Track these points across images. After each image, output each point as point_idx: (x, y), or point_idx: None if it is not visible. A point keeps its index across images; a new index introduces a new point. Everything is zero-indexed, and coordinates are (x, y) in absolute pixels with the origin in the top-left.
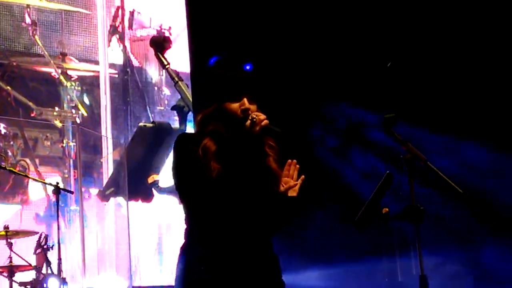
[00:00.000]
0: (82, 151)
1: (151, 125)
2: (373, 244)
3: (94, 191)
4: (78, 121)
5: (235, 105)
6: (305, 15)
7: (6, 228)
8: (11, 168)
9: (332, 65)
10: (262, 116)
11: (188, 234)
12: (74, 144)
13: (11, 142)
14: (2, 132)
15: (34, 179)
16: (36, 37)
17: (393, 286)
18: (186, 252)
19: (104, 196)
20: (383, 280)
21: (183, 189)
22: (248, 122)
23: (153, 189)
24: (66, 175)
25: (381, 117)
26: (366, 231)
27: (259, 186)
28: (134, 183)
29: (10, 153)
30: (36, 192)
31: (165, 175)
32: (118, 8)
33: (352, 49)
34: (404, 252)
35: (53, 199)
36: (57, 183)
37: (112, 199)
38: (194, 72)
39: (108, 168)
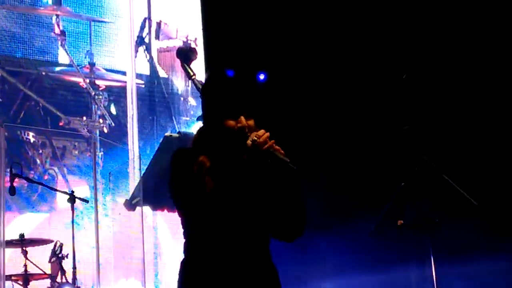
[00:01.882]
0: (109, 160)
1: (177, 135)
2: (387, 256)
3: (121, 200)
4: (105, 130)
5: (231, 122)
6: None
7: (21, 236)
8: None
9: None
10: (263, 135)
11: (185, 249)
12: (102, 153)
13: (40, 151)
14: (31, 141)
15: (48, 187)
16: (65, 47)
17: None
18: (184, 267)
19: (130, 205)
20: None
21: (178, 204)
22: (249, 142)
23: None
24: (93, 184)
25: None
26: (381, 243)
27: (252, 202)
28: (160, 192)
29: (38, 162)
30: (65, 200)
31: None
32: (145, 19)
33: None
34: (419, 264)
35: (81, 207)
36: (72, 191)
37: (138, 208)
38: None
39: (134, 178)
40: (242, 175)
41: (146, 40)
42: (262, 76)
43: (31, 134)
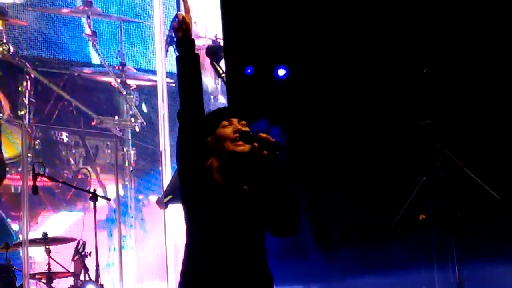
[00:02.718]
0: (140, 159)
1: None
2: (410, 251)
3: (153, 198)
4: (137, 129)
5: (227, 130)
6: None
7: (45, 235)
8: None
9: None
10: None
11: (187, 259)
12: (134, 152)
13: (73, 151)
14: (65, 141)
15: (69, 185)
16: (96, 47)
17: None
18: (184, 266)
19: (162, 203)
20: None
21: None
22: (256, 145)
23: None
24: (127, 183)
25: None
26: (403, 238)
27: (254, 198)
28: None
29: (72, 161)
30: (98, 199)
31: None
32: (174, 18)
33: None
34: (442, 259)
35: (114, 206)
36: (95, 190)
37: (170, 206)
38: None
39: (166, 176)
40: (247, 178)
41: (176, 39)
42: (282, 72)
43: (64, 134)
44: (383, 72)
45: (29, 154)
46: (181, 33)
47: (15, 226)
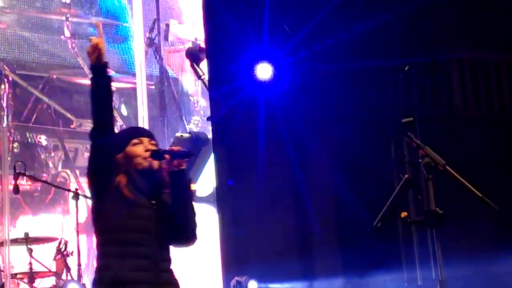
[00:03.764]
0: None
1: (187, 135)
2: (392, 248)
3: None
4: (116, 131)
5: (138, 149)
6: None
7: (26, 234)
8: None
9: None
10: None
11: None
12: None
13: (52, 154)
14: (43, 144)
15: (50, 184)
16: (75, 49)
17: None
18: (95, 276)
19: None
20: (402, 285)
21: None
22: (168, 157)
23: None
24: None
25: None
26: (385, 235)
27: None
28: None
29: (51, 164)
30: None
31: (202, 185)
32: (154, 20)
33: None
34: (424, 257)
35: None
36: (76, 189)
37: None
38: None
39: None
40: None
41: (156, 41)
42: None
43: (43, 137)
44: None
45: (8, 158)
46: (93, 58)
47: None
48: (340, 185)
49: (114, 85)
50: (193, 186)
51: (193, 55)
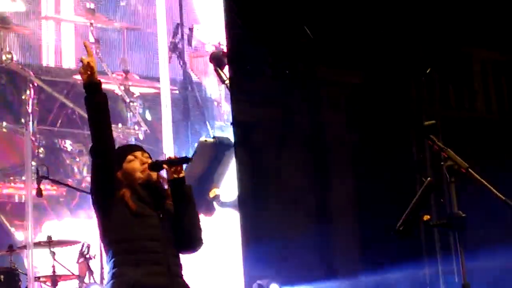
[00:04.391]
0: None
1: (211, 140)
2: (414, 251)
3: None
4: (141, 137)
5: (134, 164)
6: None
7: (49, 238)
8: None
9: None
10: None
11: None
12: None
13: (77, 159)
14: (69, 149)
15: (72, 187)
16: (99, 55)
17: None
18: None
19: None
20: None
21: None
22: (166, 166)
23: (214, 203)
24: None
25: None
26: (408, 238)
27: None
28: (196, 197)
29: (76, 169)
30: None
31: (226, 189)
32: (177, 25)
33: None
34: (446, 260)
35: None
36: None
37: None
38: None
39: None
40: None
41: (179, 46)
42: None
43: (68, 142)
44: (386, 72)
45: (32, 163)
46: (86, 77)
47: (19, 235)
48: (362, 188)
49: (139, 90)
50: (216, 191)
51: (217, 60)
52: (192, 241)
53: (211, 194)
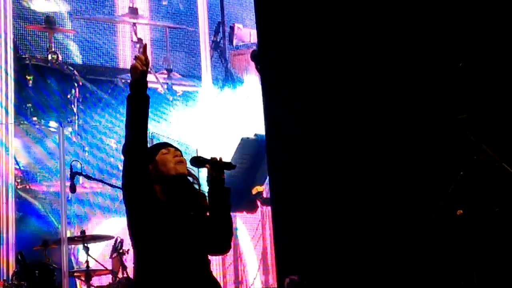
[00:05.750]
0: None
1: (253, 137)
2: (447, 246)
3: None
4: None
5: (168, 156)
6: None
7: (82, 233)
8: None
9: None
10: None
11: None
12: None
13: (122, 157)
14: (113, 148)
15: (106, 183)
16: None
17: None
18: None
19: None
20: (458, 284)
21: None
22: (208, 166)
23: (257, 200)
24: None
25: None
26: (440, 233)
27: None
28: (239, 195)
29: (120, 167)
30: None
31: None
32: (219, 23)
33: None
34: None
35: None
36: None
37: None
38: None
39: None
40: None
41: (221, 44)
42: None
43: (113, 141)
44: (419, 66)
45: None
46: (136, 75)
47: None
48: (395, 183)
49: (181, 88)
50: (259, 188)
51: (258, 58)
52: (222, 244)
53: (254, 191)
